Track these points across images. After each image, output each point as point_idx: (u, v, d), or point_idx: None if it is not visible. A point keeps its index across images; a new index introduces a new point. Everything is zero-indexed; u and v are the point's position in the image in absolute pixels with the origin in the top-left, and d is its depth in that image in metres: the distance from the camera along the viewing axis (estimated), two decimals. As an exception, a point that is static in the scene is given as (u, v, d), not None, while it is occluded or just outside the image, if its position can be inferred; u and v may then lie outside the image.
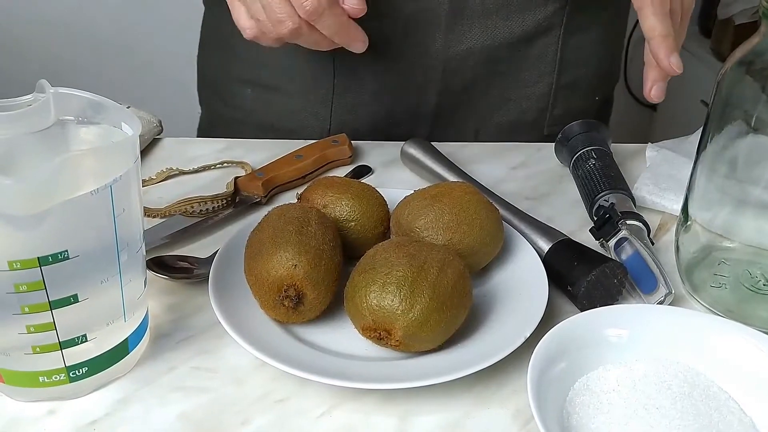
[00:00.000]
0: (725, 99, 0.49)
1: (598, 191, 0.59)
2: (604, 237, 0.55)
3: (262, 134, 0.75)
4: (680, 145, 0.69)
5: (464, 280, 0.45)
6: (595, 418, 0.39)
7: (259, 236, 0.48)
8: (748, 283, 0.52)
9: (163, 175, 0.65)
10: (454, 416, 0.43)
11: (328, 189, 0.54)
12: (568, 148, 0.65)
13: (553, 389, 0.40)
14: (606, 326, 0.44)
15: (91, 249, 0.39)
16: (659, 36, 0.57)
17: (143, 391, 0.44)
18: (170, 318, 0.49)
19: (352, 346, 0.46)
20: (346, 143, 0.68)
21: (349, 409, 0.43)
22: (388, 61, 0.72)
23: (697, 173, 0.51)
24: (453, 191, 0.52)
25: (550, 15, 0.72)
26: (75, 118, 0.43)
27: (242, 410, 0.43)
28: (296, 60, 0.74)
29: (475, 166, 0.68)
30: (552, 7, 0.72)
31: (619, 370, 0.42)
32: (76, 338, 0.41)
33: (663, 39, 0.57)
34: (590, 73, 0.79)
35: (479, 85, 0.75)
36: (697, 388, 0.41)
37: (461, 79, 0.74)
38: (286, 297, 0.45)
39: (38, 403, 0.43)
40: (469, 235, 0.49)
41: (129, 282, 0.42)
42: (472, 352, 0.45)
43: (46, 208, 0.36)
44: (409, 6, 0.69)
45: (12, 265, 0.37)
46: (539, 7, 0.71)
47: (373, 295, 0.43)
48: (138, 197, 0.42)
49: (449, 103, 0.76)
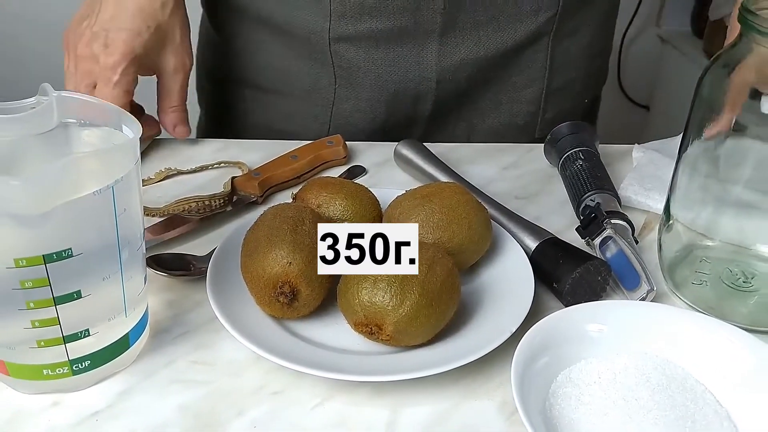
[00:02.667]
0: (706, 101, 0.50)
1: (584, 191, 0.60)
2: (590, 236, 0.56)
3: (260, 136, 0.77)
4: (666, 146, 0.71)
5: (453, 277, 0.47)
6: (577, 409, 0.41)
7: (256, 235, 0.49)
8: (728, 280, 0.53)
9: (162, 175, 0.67)
10: (442, 407, 0.44)
11: (323, 189, 0.55)
12: (556, 149, 0.67)
13: (537, 382, 0.42)
14: (588, 321, 0.45)
15: (94, 247, 0.40)
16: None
17: (143, 384, 0.45)
18: (169, 314, 0.51)
19: (344, 340, 0.48)
20: (340, 144, 0.70)
21: (342, 401, 0.44)
22: (383, 71, 0.74)
23: (679, 174, 0.53)
24: (443, 191, 0.53)
25: (541, 24, 0.74)
26: (77, 120, 0.45)
27: (238, 402, 0.44)
28: (296, 65, 0.76)
29: (468, 167, 0.70)
30: (543, 17, 0.73)
31: (600, 364, 0.44)
32: (79, 333, 0.42)
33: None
34: (580, 75, 0.81)
35: (472, 91, 0.77)
36: (674, 381, 0.43)
37: (455, 88, 0.75)
38: (281, 293, 0.46)
39: (42, 395, 0.44)
40: (458, 234, 0.51)
41: (130, 279, 0.43)
42: (460, 346, 0.46)
43: (51, 207, 0.37)
44: (405, 18, 0.70)
45: (18, 263, 0.38)
46: (530, 18, 0.73)
47: (364, 291, 0.45)
48: (138, 197, 0.43)
49: (443, 109, 0.77)
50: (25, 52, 1.62)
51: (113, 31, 0.64)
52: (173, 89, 0.70)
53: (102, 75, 0.64)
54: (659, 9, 1.82)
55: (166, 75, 0.69)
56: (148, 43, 0.65)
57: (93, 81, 0.65)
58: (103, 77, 0.65)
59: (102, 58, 0.64)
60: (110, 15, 0.64)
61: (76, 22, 0.67)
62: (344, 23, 0.71)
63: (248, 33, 0.76)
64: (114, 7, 0.64)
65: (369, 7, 0.69)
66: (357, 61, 0.73)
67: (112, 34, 0.64)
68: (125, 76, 0.65)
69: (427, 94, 0.75)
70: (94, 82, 0.65)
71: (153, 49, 0.66)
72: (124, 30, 0.64)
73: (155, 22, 0.65)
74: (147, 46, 0.65)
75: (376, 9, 0.70)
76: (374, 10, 0.70)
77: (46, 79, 0.47)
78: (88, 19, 0.66)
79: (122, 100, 0.65)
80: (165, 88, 0.70)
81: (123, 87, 0.65)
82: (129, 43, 0.64)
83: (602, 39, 0.83)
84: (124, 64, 0.64)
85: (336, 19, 0.71)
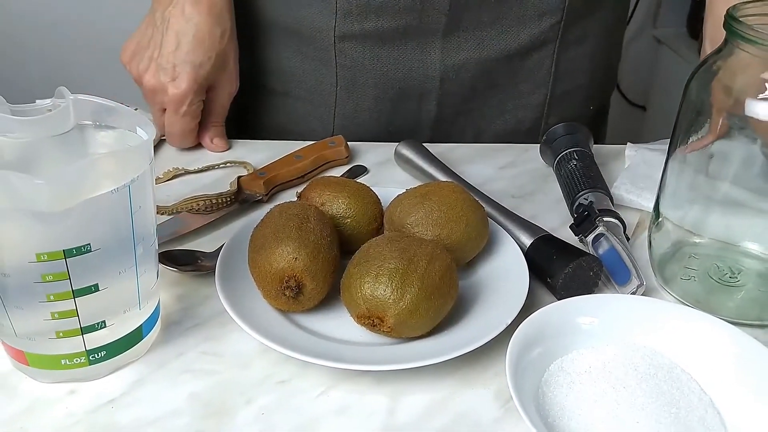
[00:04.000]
0: (693, 104, 0.52)
1: (578, 190, 0.62)
2: (583, 233, 0.58)
3: (267, 136, 0.79)
4: (659, 147, 0.73)
5: (451, 272, 0.49)
6: (568, 396, 0.43)
7: (262, 231, 0.51)
8: (715, 275, 0.55)
9: (170, 175, 0.69)
10: (441, 396, 0.46)
11: (326, 188, 0.57)
12: (552, 149, 0.69)
13: (531, 371, 0.44)
14: (579, 314, 0.47)
15: (111, 242, 0.42)
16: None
17: (156, 374, 0.47)
18: (179, 307, 0.53)
19: (347, 332, 0.49)
20: (342, 144, 0.72)
21: (345, 390, 0.46)
22: (387, 69, 0.75)
23: (668, 174, 0.55)
24: (442, 190, 0.55)
25: (546, 30, 0.75)
26: (92, 122, 0.47)
27: (246, 391, 0.46)
28: (301, 66, 0.78)
29: (466, 166, 0.72)
30: (547, 22, 0.75)
31: (590, 354, 0.46)
32: (96, 324, 0.44)
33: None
34: (585, 83, 0.82)
35: (477, 95, 0.78)
36: (661, 370, 0.45)
37: (459, 89, 0.77)
38: (287, 287, 0.48)
39: (60, 384, 0.46)
40: (456, 231, 0.53)
41: (143, 273, 0.45)
42: (457, 337, 0.48)
43: (71, 205, 0.40)
44: (410, 18, 0.72)
45: (40, 257, 0.40)
46: (533, 22, 0.74)
47: (367, 285, 0.47)
48: (152, 195, 0.45)
49: (448, 112, 0.79)
50: (25, 52, 1.64)
51: (179, 65, 0.69)
52: (217, 107, 0.74)
53: (171, 104, 0.70)
54: (655, 11, 1.84)
55: (214, 94, 0.73)
56: (209, 73, 0.70)
57: (162, 107, 0.71)
58: (172, 106, 0.70)
59: (170, 89, 0.69)
60: (173, 47, 0.69)
61: (137, 47, 0.72)
62: (350, 21, 0.73)
63: (255, 35, 0.78)
64: (176, 39, 0.69)
65: (375, 6, 0.72)
66: (362, 60, 0.75)
67: (179, 68, 0.69)
68: (191, 105, 0.70)
69: (431, 92, 0.77)
70: (163, 108, 0.71)
71: (212, 75, 0.71)
72: (188, 63, 0.69)
73: (215, 52, 0.70)
74: (208, 75, 0.70)
75: (381, 8, 0.72)
76: (380, 9, 0.72)
77: (45, 78, 0.49)
78: (150, 50, 0.70)
79: (191, 125, 0.72)
80: (211, 104, 0.74)
81: (191, 115, 0.71)
82: (193, 75, 0.69)
83: (609, 49, 0.84)
84: (191, 96, 0.70)
85: (342, 17, 0.73)
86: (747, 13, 0.50)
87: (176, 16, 0.69)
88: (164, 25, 0.69)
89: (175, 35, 0.69)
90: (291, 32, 0.76)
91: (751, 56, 0.48)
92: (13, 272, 0.41)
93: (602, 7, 0.79)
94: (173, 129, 0.72)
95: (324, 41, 0.75)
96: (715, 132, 0.51)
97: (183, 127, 0.72)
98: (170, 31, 0.69)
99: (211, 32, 0.69)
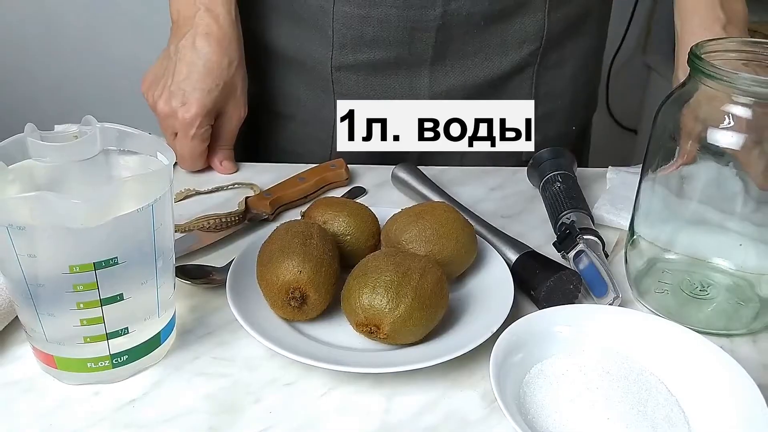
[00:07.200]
0: (662, 131, 0.56)
1: (561, 210, 0.67)
2: (565, 249, 0.63)
3: (272, 157, 0.84)
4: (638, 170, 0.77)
5: (442, 284, 0.53)
6: (546, 396, 0.47)
7: (270, 247, 0.55)
8: (687, 289, 0.59)
9: (182, 195, 0.73)
10: (432, 396, 0.50)
11: (328, 207, 0.61)
12: (538, 172, 0.74)
13: (513, 374, 0.48)
14: (558, 323, 0.52)
15: (135, 256, 0.47)
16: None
17: (173, 376, 0.51)
18: (193, 317, 0.57)
19: (347, 339, 0.53)
20: (342, 167, 0.77)
21: (346, 391, 0.50)
22: (381, 96, 0.81)
23: (641, 195, 0.59)
24: (435, 210, 0.59)
25: (525, 56, 0.80)
26: (117, 148, 0.51)
27: (255, 392, 0.50)
28: (304, 93, 0.83)
29: (458, 188, 0.77)
30: (527, 49, 0.80)
31: (568, 359, 0.50)
32: (120, 330, 0.48)
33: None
34: (566, 104, 0.86)
35: None
36: (632, 373, 0.49)
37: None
38: (292, 298, 0.52)
39: (85, 386, 0.49)
40: (447, 247, 0.57)
41: (163, 284, 0.50)
42: (447, 344, 0.52)
43: (102, 222, 0.44)
44: (400, 49, 0.78)
45: (72, 269, 0.44)
46: (514, 50, 0.80)
47: (365, 296, 0.51)
48: (171, 214, 0.50)
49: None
50: (25, 52, 1.60)
51: (189, 92, 0.74)
52: (226, 132, 0.79)
53: (181, 128, 0.75)
54: (645, 38, 1.89)
55: (223, 120, 0.78)
56: (217, 99, 0.75)
57: (174, 132, 0.76)
58: (182, 130, 0.75)
59: (180, 113, 0.74)
60: (184, 75, 0.74)
61: (154, 78, 0.77)
62: (345, 53, 0.79)
63: (264, 63, 0.84)
64: (187, 68, 0.74)
65: (368, 40, 0.77)
66: (356, 88, 0.80)
67: (188, 94, 0.74)
68: (200, 129, 0.75)
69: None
70: (175, 133, 0.76)
71: (220, 102, 0.76)
72: (198, 89, 0.74)
73: (222, 80, 0.75)
74: (216, 101, 0.75)
75: (374, 41, 0.77)
76: (372, 42, 0.77)
77: (45, 82, 0.52)
78: (164, 79, 0.75)
79: (200, 149, 0.77)
80: (220, 129, 0.79)
81: (200, 138, 0.76)
82: (202, 100, 0.74)
83: (588, 71, 0.89)
84: (199, 120, 0.74)
85: (338, 50, 0.79)
86: (709, 50, 0.54)
87: (187, 47, 0.74)
88: (177, 56, 0.74)
89: (187, 65, 0.74)
90: (295, 62, 0.82)
91: (713, 90, 0.52)
92: (47, 282, 0.45)
93: (580, 34, 0.84)
94: (184, 151, 0.76)
95: (323, 71, 0.81)
96: (683, 157, 0.55)
97: (192, 150, 0.76)
98: (182, 62, 0.74)
99: (220, 62, 0.74)
